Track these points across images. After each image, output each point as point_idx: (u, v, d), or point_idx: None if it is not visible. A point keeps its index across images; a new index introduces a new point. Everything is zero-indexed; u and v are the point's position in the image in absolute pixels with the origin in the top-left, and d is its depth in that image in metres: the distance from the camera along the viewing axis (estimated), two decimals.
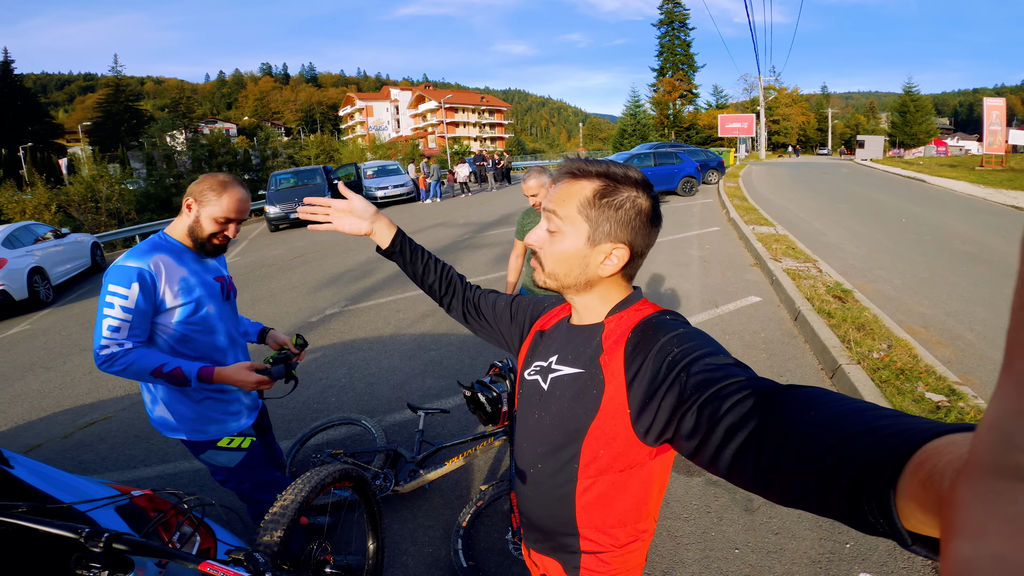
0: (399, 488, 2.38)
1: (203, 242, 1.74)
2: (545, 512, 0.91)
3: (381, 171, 19.19)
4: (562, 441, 0.85)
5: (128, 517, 1.21)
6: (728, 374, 0.66)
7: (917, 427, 0.41)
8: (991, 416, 0.22)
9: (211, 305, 1.78)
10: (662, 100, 53.96)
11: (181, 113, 52.55)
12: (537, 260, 0.89)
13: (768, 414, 0.56)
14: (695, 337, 0.76)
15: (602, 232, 0.83)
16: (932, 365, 3.47)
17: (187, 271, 1.71)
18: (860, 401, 0.51)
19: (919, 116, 59.88)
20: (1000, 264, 6.41)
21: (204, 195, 1.70)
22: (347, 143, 50.99)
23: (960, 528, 0.22)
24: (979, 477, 0.22)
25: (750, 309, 5.07)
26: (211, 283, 1.81)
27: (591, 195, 0.83)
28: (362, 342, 4.95)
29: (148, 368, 1.57)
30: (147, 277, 1.60)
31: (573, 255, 0.84)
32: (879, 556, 2.10)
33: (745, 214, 10.00)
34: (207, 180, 1.72)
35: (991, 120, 21.07)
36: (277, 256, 10.27)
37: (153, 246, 1.68)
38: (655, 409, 0.72)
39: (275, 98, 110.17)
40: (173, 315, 1.69)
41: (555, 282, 0.88)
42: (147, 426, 3.66)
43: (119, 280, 1.57)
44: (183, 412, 1.76)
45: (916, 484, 0.36)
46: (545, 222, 0.87)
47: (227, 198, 1.70)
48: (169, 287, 1.66)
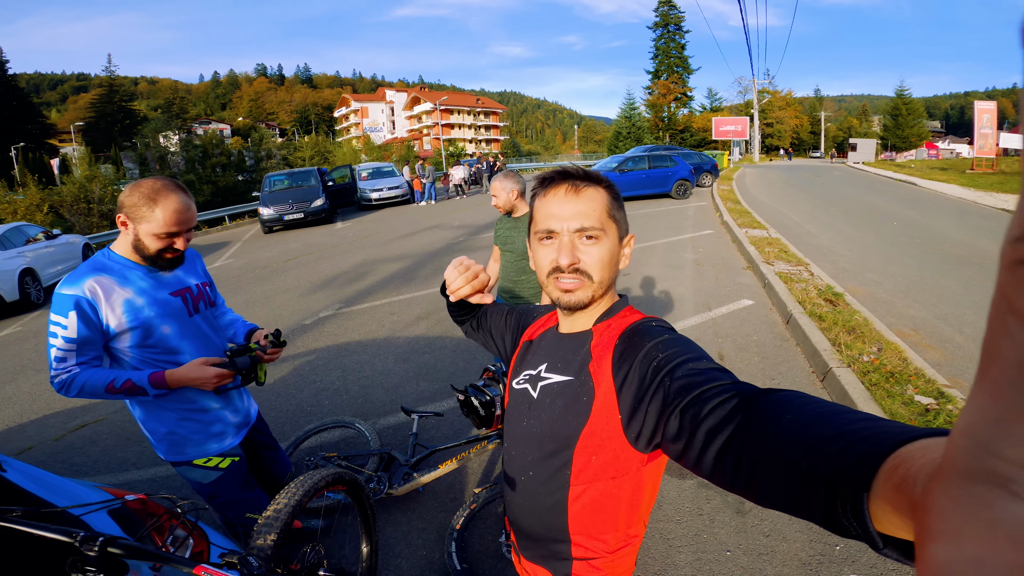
0: (393, 491, 2.38)
1: (153, 259, 1.59)
2: (536, 519, 0.91)
3: (376, 173, 19.18)
4: (553, 448, 0.85)
5: (121, 521, 1.21)
6: (709, 378, 0.67)
7: (890, 431, 0.41)
8: (965, 421, 0.22)
9: (168, 325, 1.62)
10: (657, 102, 54.24)
11: (175, 114, 52.29)
12: (579, 277, 0.85)
13: (746, 417, 0.57)
14: (679, 343, 0.78)
15: (623, 230, 0.90)
16: (922, 368, 3.51)
17: (133, 291, 1.55)
18: (835, 404, 0.52)
19: (911, 119, 60.36)
20: (990, 267, 6.47)
21: (136, 210, 1.49)
22: (341, 144, 50.89)
23: (936, 532, 0.22)
24: (953, 482, 0.22)
25: (743, 312, 5.10)
26: (166, 300, 1.63)
27: (611, 199, 0.88)
28: (356, 345, 4.95)
29: (100, 386, 1.50)
30: (84, 304, 1.48)
31: (612, 257, 0.87)
32: (868, 559, 2.12)
33: (738, 217, 10.06)
34: (136, 190, 1.50)
35: (982, 123, 21.24)
36: (271, 258, 10.24)
37: (93, 268, 1.53)
38: (643, 415, 0.73)
39: (270, 99, 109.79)
40: (124, 340, 1.57)
41: (602, 289, 0.87)
42: (139, 430, 3.64)
43: (58, 309, 1.48)
44: (157, 430, 1.69)
45: (889, 488, 0.36)
46: (567, 237, 0.84)
47: (161, 211, 1.49)
48: (111, 311, 1.52)
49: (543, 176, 0.90)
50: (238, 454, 1.84)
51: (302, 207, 14.25)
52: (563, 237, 0.85)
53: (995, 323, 0.20)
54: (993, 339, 0.20)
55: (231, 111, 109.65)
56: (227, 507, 1.83)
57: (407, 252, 9.36)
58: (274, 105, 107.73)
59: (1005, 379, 0.19)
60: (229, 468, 1.80)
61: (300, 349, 4.95)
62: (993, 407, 0.20)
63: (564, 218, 0.85)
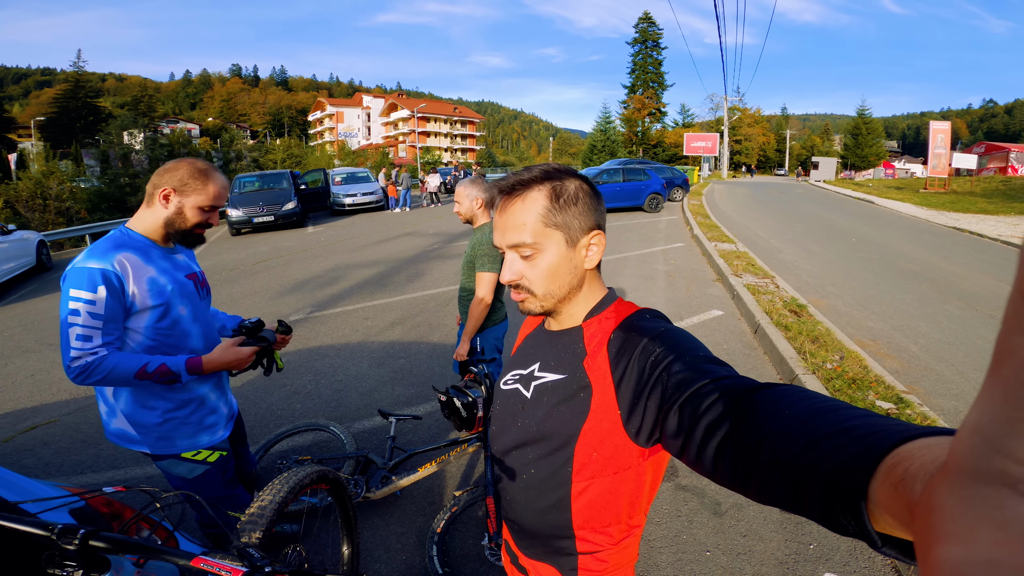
0: (370, 494, 2.35)
1: (185, 233, 1.63)
2: (538, 517, 0.90)
3: (350, 178, 18.91)
4: (554, 446, 0.85)
5: (86, 521, 1.16)
6: (707, 372, 0.67)
7: (890, 429, 0.41)
8: (973, 420, 0.21)
9: (184, 306, 1.65)
10: (632, 117, 55.35)
11: (141, 111, 50.56)
12: (522, 291, 0.86)
13: (744, 413, 0.56)
14: (676, 336, 0.77)
15: (575, 229, 0.84)
16: (881, 375, 3.68)
17: (156, 269, 1.57)
18: (834, 400, 0.52)
19: (870, 139, 62.55)
20: (942, 282, 6.83)
21: (186, 184, 1.57)
22: (315, 149, 50.09)
23: (944, 532, 0.22)
24: (960, 481, 0.22)
25: (713, 322, 5.24)
26: (183, 281, 1.66)
27: (548, 203, 0.83)
28: (328, 349, 4.87)
29: (131, 371, 1.45)
30: (113, 278, 1.46)
31: (560, 264, 0.84)
32: (841, 556, 2.20)
33: (708, 231, 10.34)
34: (183, 168, 1.58)
35: (936, 143, 22.32)
36: (239, 260, 9.98)
37: (116, 243, 1.53)
38: (643, 410, 0.73)
39: (242, 100, 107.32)
40: (143, 319, 1.55)
41: (552, 300, 0.86)
42: (95, 431, 3.51)
43: (81, 284, 1.43)
44: (149, 422, 1.62)
45: (888, 487, 0.36)
46: (512, 253, 0.85)
47: (212, 185, 1.60)
48: (138, 288, 1.51)
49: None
50: (226, 448, 1.80)
51: (273, 210, 13.93)
52: (506, 253, 0.86)
53: (1010, 321, 0.20)
54: (1007, 338, 0.20)
55: (201, 111, 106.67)
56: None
57: (381, 258, 9.26)
58: (246, 106, 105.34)
59: (1018, 378, 0.19)
60: (216, 463, 1.75)
61: None
62: (1004, 406, 0.20)
63: (500, 234, 0.85)
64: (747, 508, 2.52)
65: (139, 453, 1.70)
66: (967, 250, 9.48)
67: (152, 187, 1.58)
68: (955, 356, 4.34)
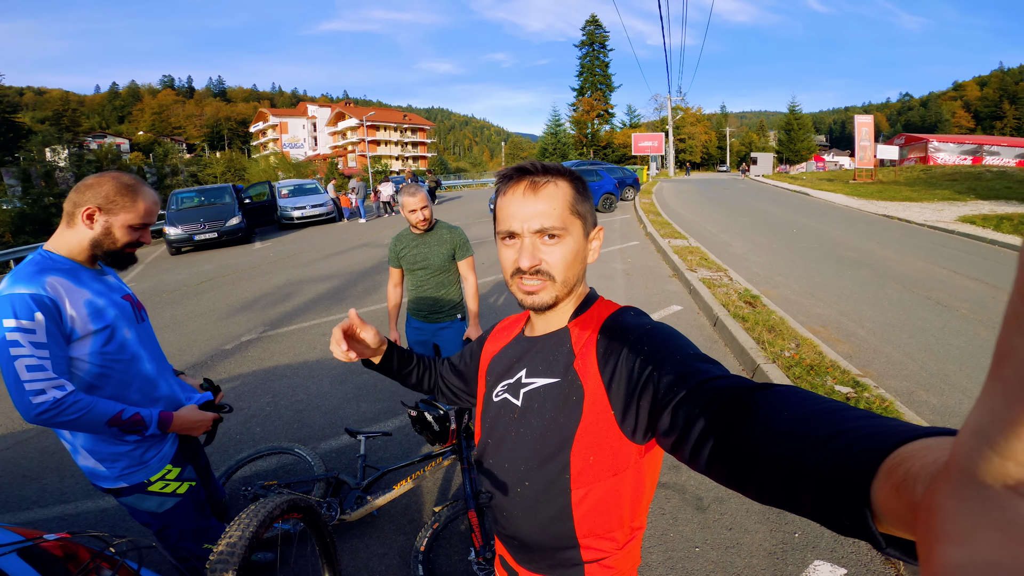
0: (345, 517, 2.24)
1: (115, 254, 1.52)
2: (539, 530, 0.87)
3: (298, 190, 18.29)
4: (548, 454, 0.82)
5: (39, 566, 1.04)
6: (699, 371, 0.66)
7: (890, 430, 0.41)
8: (974, 421, 0.21)
9: (127, 329, 1.54)
10: (581, 119, 56.41)
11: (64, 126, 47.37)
12: (540, 278, 0.82)
13: (742, 416, 0.55)
14: (664, 334, 0.77)
15: (589, 223, 0.87)
16: (836, 360, 3.85)
17: (90, 292, 1.45)
18: (832, 401, 0.52)
19: (801, 134, 66.49)
20: (879, 267, 7.26)
21: (112, 201, 1.46)
22: (258, 161, 48.32)
23: (945, 533, 0.22)
24: (961, 483, 0.22)
25: (673, 317, 5.36)
26: (121, 303, 1.56)
27: (575, 192, 0.84)
28: (286, 368, 4.67)
29: (105, 417, 1.37)
30: (47, 302, 1.33)
31: (578, 254, 0.84)
32: (827, 543, 2.25)
33: (660, 228, 10.62)
34: (107, 183, 1.46)
35: (861, 136, 23.81)
36: (180, 281, 9.46)
37: (40, 267, 1.39)
38: (635, 409, 0.73)
39: (176, 112, 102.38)
40: (86, 345, 1.43)
41: (566, 288, 0.85)
42: (36, 465, 3.28)
43: (13, 313, 1.29)
44: (115, 450, 1.51)
45: (889, 488, 0.35)
46: (533, 239, 0.82)
47: (142, 201, 1.50)
48: (76, 312, 1.39)
49: (503, 173, 0.86)
50: (195, 479, 1.72)
51: (216, 226, 13.29)
52: (524, 238, 0.82)
53: (1011, 322, 0.20)
54: (1008, 339, 0.20)
55: (130, 124, 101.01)
56: (183, 538, 1.69)
57: (335, 271, 9.00)
58: (181, 119, 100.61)
59: (1019, 380, 0.19)
60: (187, 494, 1.66)
61: (222, 375, 4.58)
62: (1005, 408, 0.20)
63: (524, 218, 0.81)
64: (729, 501, 2.55)
65: (90, 485, 1.58)
66: (898, 236, 10.14)
67: (72, 205, 1.45)
68: (900, 338, 4.60)
